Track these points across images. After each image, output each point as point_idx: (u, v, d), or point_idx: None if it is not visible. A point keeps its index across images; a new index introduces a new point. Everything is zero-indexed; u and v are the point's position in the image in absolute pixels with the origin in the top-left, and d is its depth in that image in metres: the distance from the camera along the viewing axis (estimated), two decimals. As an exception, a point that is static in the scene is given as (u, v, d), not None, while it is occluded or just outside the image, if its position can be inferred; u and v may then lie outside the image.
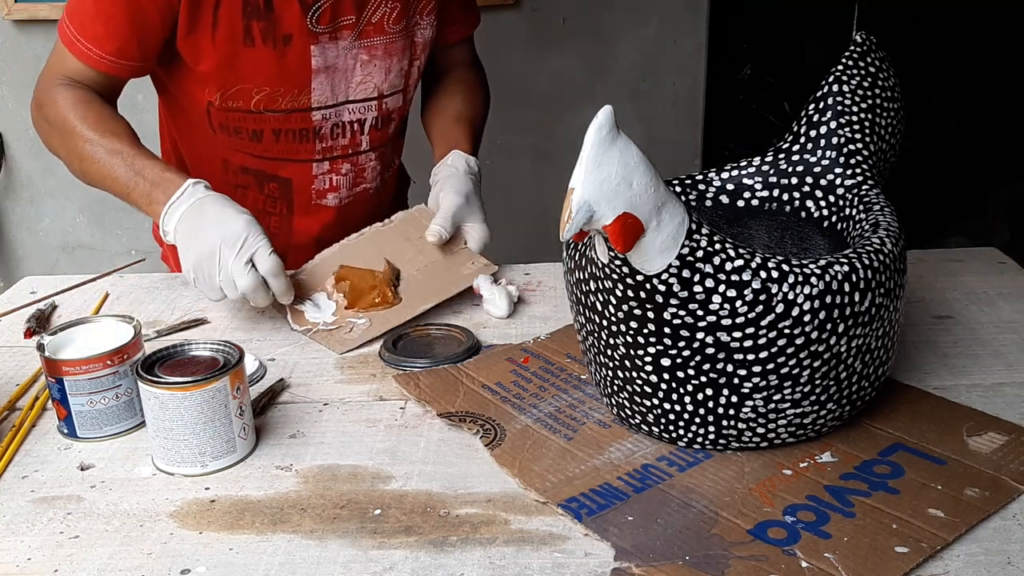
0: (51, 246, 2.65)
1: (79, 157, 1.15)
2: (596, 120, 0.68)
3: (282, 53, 1.18)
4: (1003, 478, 0.77)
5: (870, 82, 0.96)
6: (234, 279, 1.03)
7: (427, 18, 1.29)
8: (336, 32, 1.20)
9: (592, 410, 0.89)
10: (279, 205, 1.33)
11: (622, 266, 0.73)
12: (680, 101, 2.70)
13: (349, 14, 1.20)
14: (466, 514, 0.75)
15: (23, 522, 0.76)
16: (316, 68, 1.21)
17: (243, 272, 1.02)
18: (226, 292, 1.05)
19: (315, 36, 1.19)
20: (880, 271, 0.77)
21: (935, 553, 0.69)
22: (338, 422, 0.90)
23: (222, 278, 1.03)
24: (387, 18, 1.23)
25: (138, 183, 1.10)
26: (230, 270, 1.03)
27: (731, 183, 0.98)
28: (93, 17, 1.14)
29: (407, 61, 1.29)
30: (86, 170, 1.15)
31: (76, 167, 1.16)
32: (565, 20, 2.58)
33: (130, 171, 1.11)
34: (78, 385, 0.86)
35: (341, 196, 1.34)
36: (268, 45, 1.17)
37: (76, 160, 1.15)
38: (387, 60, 1.26)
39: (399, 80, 1.30)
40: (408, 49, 1.28)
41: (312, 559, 0.70)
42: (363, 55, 1.24)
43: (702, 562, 0.68)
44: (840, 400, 0.80)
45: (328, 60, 1.21)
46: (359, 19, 1.21)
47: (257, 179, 1.31)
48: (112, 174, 1.12)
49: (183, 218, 1.07)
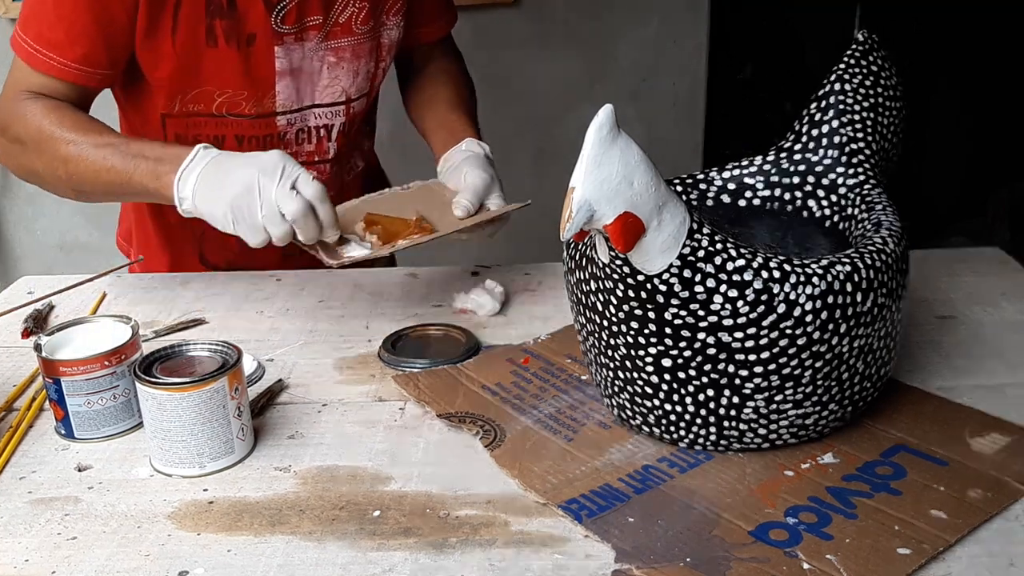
0: (48, 246, 2.64)
1: (63, 161, 1.08)
2: (596, 119, 0.68)
3: (246, 54, 1.14)
4: (1006, 479, 0.76)
5: (872, 81, 0.96)
6: (279, 208, 0.97)
7: (394, 18, 1.25)
8: (302, 33, 1.16)
9: (593, 411, 0.89)
10: None
11: (623, 266, 0.72)
12: (680, 101, 2.70)
13: (316, 14, 1.16)
14: (466, 515, 0.75)
15: (20, 523, 0.76)
16: (280, 70, 1.17)
17: (290, 197, 0.97)
18: (270, 230, 0.98)
19: (279, 36, 1.14)
20: (882, 271, 0.77)
21: (937, 554, 0.68)
22: (337, 423, 0.89)
23: (265, 212, 0.98)
24: (355, 18, 1.19)
25: (138, 165, 1.04)
26: (274, 200, 0.97)
27: (732, 182, 0.97)
28: (52, 24, 1.07)
29: (373, 63, 1.25)
30: (73, 173, 1.08)
31: (60, 174, 1.09)
32: (565, 20, 2.58)
33: (126, 157, 1.05)
34: (75, 386, 0.85)
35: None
36: (231, 45, 1.12)
37: (60, 166, 1.08)
38: (355, 62, 1.22)
39: (366, 83, 1.26)
40: (375, 51, 1.24)
41: (311, 560, 0.70)
42: (330, 57, 1.20)
43: (703, 564, 0.68)
44: (842, 401, 0.80)
45: (293, 62, 1.17)
46: (326, 19, 1.17)
47: None
48: (105, 165, 1.06)
49: (201, 178, 1.01)
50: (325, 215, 1.00)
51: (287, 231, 0.99)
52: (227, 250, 1.30)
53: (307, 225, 0.99)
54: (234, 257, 1.31)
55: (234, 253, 1.31)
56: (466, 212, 1.09)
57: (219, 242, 1.29)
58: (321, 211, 1.00)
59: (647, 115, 2.66)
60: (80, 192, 1.11)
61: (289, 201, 0.97)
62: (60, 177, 1.09)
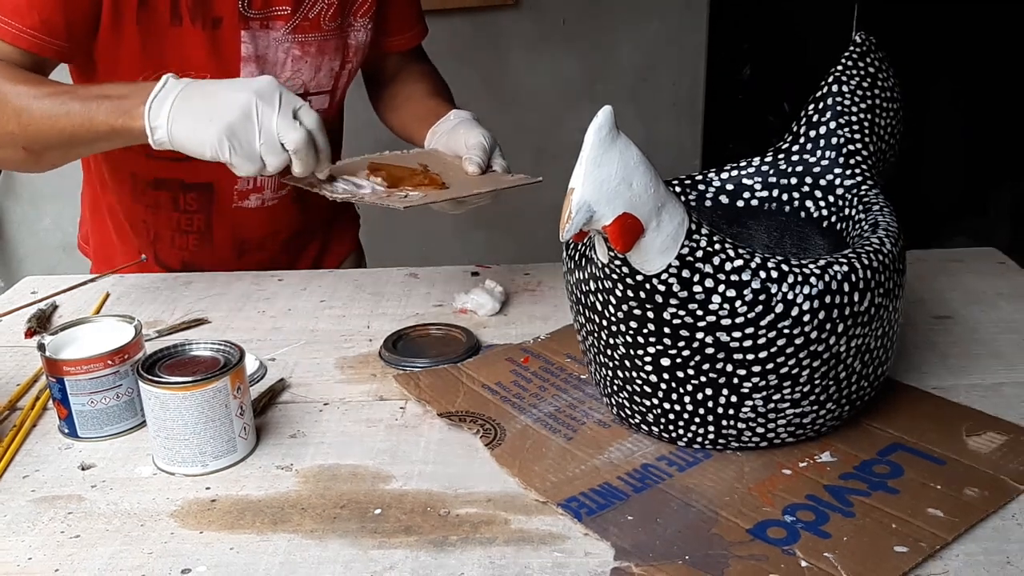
0: (52, 246, 2.65)
1: (15, 114, 1.01)
2: (596, 120, 0.68)
3: (211, 36, 1.12)
4: (1002, 478, 0.77)
5: (870, 82, 0.96)
6: (279, 136, 0.94)
7: (362, 20, 1.24)
8: (268, 21, 1.15)
9: (592, 410, 0.89)
10: (196, 220, 1.27)
11: (622, 266, 0.73)
12: (680, 101, 2.70)
13: (284, 5, 1.15)
14: (466, 514, 0.75)
15: (24, 522, 0.76)
16: (246, 56, 1.15)
17: (293, 127, 0.94)
18: (267, 159, 0.96)
19: (246, 21, 1.13)
20: (879, 271, 0.77)
21: (934, 553, 0.69)
22: (338, 422, 0.90)
23: (263, 140, 0.94)
24: (324, 14, 1.19)
25: (100, 104, 0.99)
26: (275, 128, 0.94)
27: (731, 183, 0.98)
28: None
29: (338, 62, 1.25)
30: (28, 124, 1.01)
31: (12, 129, 1.02)
32: (565, 20, 2.58)
33: (85, 100, 1.00)
34: (79, 385, 0.86)
35: (265, 197, 1.28)
36: (196, 26, 1.11)
37: (12, 120, 1.02)
38: (319, 58, 1.21)
39: (327, 80, 1.25)
40: (341, 50, 1.24)
41: (312, 559, 0.71)
42: (295, 50, 1.19)
43: (702, 562, 0.68)
44: (840, 400, 0.80)
45: (259, 49, 1.16)
46: (295, 12, 1.16)
47: (171, 192, 1.24)
48: (63, 111, 1.00)
49: (178, 104, 0.96)
50: (324, 146, 0.98)
51: (284, 161, 0.96)
52: (181, 250, 1.30)
53: (308, 157, 0.96)
54: (189, 257, 1.31)
55: (189, 253, 1.30)
56: (478, 168, 1.07)
57: (170, 241, 1.30)
58: (320, 140, 0.97)
59: (647, 115, 2.66)
60: (32, 149, 1.05)
61: (291, 130, 0.94)
62: (12, 133, 1.03)
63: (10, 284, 1.31)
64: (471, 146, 1.10)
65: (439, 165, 1.10)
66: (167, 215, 1.27)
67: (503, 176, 1.10)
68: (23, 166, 1.10)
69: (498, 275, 1.23)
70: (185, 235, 1.28)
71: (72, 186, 2.59)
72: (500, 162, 1.12)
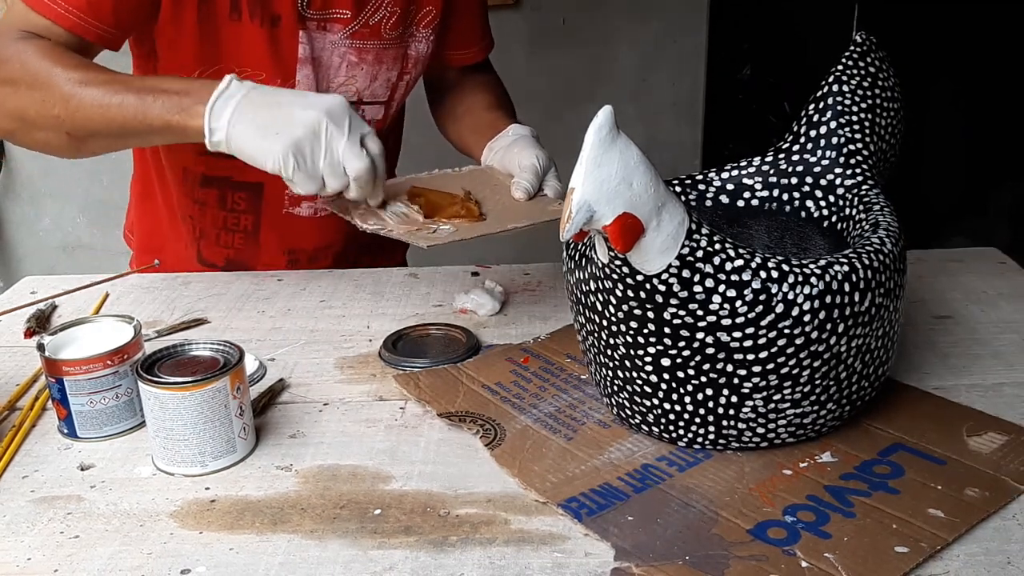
0: (51, 246, 2.65)
1: (63, 99, 0.98)
2: (596, 120, 0.68)
3: (269, 33, 1.11)
4: (1003, 478, 0.77)
5: (870, 82, 0.96)
6: (345, 162, 0.94)
7: (424, 31, 1.23)
8: (326, 23, 1.14)
9: (592, 410, 0.89)
10: (244, 220, 1.26)
11: (622, 266, 0.73)
12: (680, 101, 2.70)
13: (344, 8, 1.14)
14: (466, 514, 0.75)
15: (23, 522, 0.76)
16: (302, 57, 1.14)
17: (359, 155, 0.93)
18: (327, 181, 0.95)
19: (304, 21, 1.12)
20: (880, 271, 0.77)
21: (935, 553, 0.69)
22: (338, 422, 0.90)
23: (327, 162, 0.94)
24: (385, 22, 1.17)
25: (156, 98, 0.96)
26: (340, 153, 0.93)
27: (731, 183, 0.98)
28: None
29: (396, 72, 1.23)
30: (76, 110, 0.98)
31: (58, 113, 0.99)
32: (565, 20, 2.59)
33: (141, 91, 0.97)
34: (78, 385, 0.86)
35: (317, 207, 1.27)
36: (255, 22, 1.10)
37: (58, 105, 0.98)
38: (376, 66, 1.20)
39: (383, 90, 1.23)
40: (400, 60, 1.22)
41: (312, 559, 0.71)
42: (351, 56, 1.18)
43: (702, 562, 0.68)
44: (840, 400, 0.80)
45: (315, 51, 1.15)
46: (356, 17, 1.15)
47: (220, 191, 1.23)
48: (115, 100, 0.97)
49: (241, 109, 0.95)
50: (382, 173, 0.98)
51: (343, 184, 0.96)
52: (226, 248, 1.30)
53: (367, 185, 0.96)
54: (234, 255, 1.30)
55: (234, 251, 1.30)
56: (526, 193, 1.05)
57: (215, 239, 1.29)
58: (380, 169, 0.97)
59: (647, 115, 2.67)
60: (76, 136, 1.02)
61: (356, 159, 0.94)
62: (56, 118, 1.00)
63: (9, 284, 1.31)
64: (523, 168, 1.07)
65: (486, 188, 1.08)
66: (214, 212, 1.26)
67: (548, 204, 1.07)
68: (62, 151, 1.07)
69: (498, 275, 1.23)
70: (231, 233, 1.27)
71: (72, 186, 2.60)
72: (553, 184, 1.09)
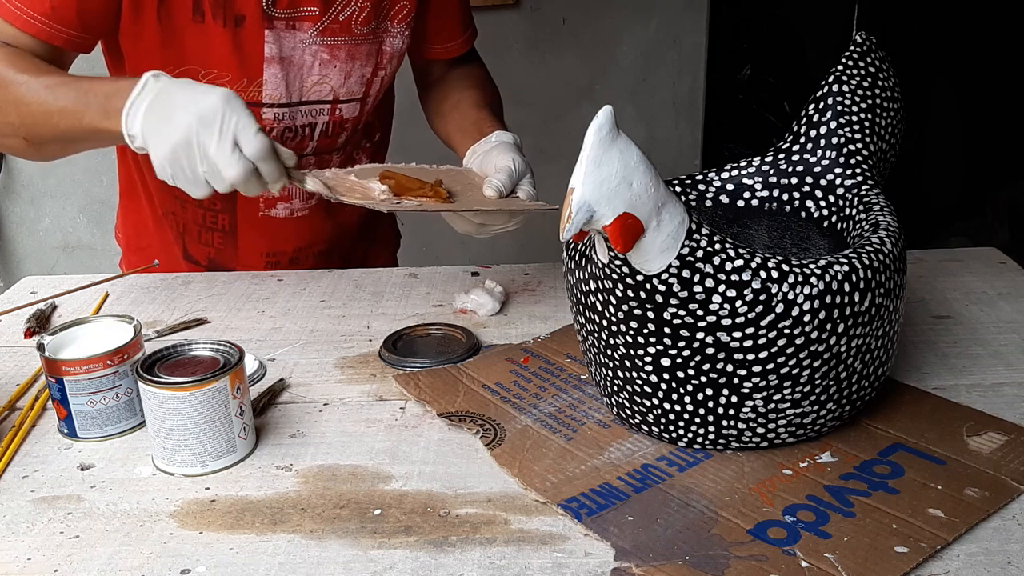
0: (51, 246, 2.65)
1: (15, 103, 0.99)
2: (596, 120, 0.68)
3: (233, 34, 1.10)
4: (1003, 478, 0.77)
5: (870, 82, 0.96)
6: (220, 169, 0.91)
7: (399, 26, 1.21)
8: (295, 21, 1.13)
9: (592, 410, 0.89)
10: (221, 219, 1.25)
11: (622, 266, 0.73)
12: (680, 101, 2.70)
13: (312, 5, 1.12)
14: (466, 514, 0.75)
15: (23, 522, 0.76)
16: (269, 56, 1.12)
17: (231, 161, 0.90)
18: (213, 184, 0.93)
19: (270, 20, 1.11)
20: (880, 271, 0.77)
21: (935, 553, 0.69)
22: (338, 422, 0.90)
23: (206, 169, 0.91)
24: (355, 18, 1.16)
25: (90, 103, 0.96)
26: (214, 159, 0.90)
27: (731, 183, 0.98)
28: None
29: (370, 69, 1.21)
30: (26, 116, 0.99)
31: (12, 120, 1.00)
32: (565, 20, 2.59)
33: (78, 94, 0.97)
34: (78, 385, 0.86)
35: (294, 208, 1.26)
36: (218, 23, 1.09)
37: (12, 110, 1.00)
38: (349, 63, 1.18)
39: (358, 87, 1.22)
40: (374, 56, 1.20)
41: (312, 559, 0.71)
42: (324, 53, 1.16)
43: (702, 562, 0.68)
44: (840, 400, 0.80)
45: (283, 50, 1.13)
46: (324, 13, 1.14)
47: None
48: (57, 105, 0.98)
49: (149, 112, 0.93)
50: (269, 173, 0.93)
51: (230, 187, 0.93)
52: (207, 246, 1.30)
53: (250, 188, 0.93)
54: (215, 255, 1.30)
55: (214, 251, 1.30)
56: (497, 192, 1.04)
57: (197, 236, 1.29)
58: (265, 170, 0.93)
59: (647, 115, 2.67)
60: (32, 140, 1.03)
61: (230, 166, 0.90)
62: (12, 124, 1.02)
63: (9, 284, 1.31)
64: (498, 169, 1.07)
65: (459, 184, 1.08)
66: (193, 209, 1.26)
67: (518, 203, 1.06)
68: (27, 156, 1.08)
69: (498, 275, 1.23)
70: (211, 232, 1.27)
71: (72, 186, 2.60)
72: (527, 190, 1.08)
